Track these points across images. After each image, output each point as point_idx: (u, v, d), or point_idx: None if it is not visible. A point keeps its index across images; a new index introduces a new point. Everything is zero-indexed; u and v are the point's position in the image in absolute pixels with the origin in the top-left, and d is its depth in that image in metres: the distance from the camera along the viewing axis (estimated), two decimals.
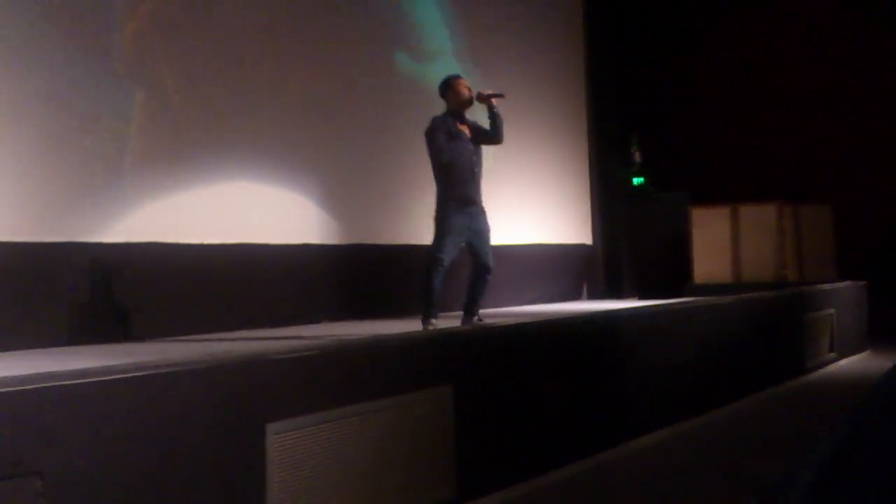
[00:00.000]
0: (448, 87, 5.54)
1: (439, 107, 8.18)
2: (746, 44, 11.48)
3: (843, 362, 8.12)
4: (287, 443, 2.88)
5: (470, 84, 5.56)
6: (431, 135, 5.39)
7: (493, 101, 5.46)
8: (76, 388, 2.36)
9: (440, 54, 8.12)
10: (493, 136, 5.55)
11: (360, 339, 3.74)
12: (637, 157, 9.94)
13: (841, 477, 1.20)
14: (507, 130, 5.71)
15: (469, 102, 5.50)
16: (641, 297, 8.76)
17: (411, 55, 7.81)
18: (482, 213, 5.48)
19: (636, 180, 10.01)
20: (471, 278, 5.57)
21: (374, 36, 7.41)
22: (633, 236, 10.05)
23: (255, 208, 6.29)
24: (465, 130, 5.47)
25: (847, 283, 8.93)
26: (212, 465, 2.67)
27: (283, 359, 3.00)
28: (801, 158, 10.93)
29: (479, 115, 5.63)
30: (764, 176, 10.99)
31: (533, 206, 6.18)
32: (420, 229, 7.74)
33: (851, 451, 1.22)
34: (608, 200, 10.33)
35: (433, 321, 5.26)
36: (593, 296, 9.73)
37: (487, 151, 5.81)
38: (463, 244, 5.41)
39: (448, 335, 3.94)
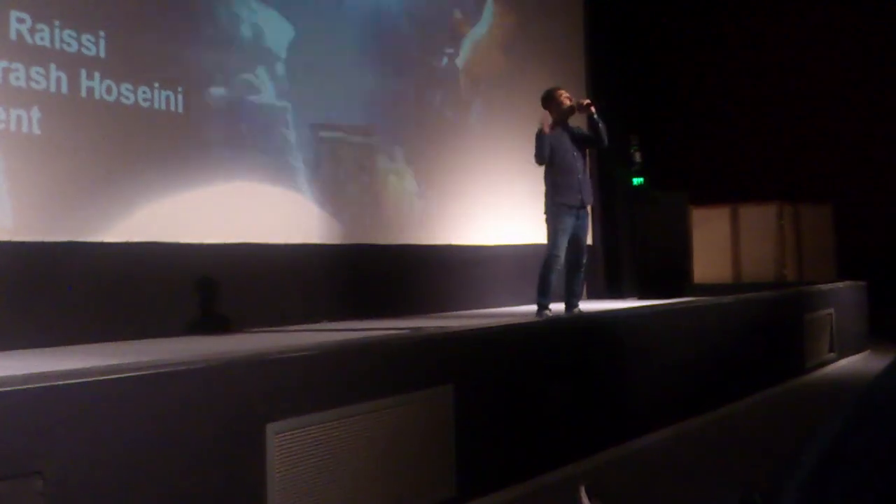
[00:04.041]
0: (550, 98, 5.99)
1: (437, 105, 8.20)
2: (746, 44, 11.49)
3: (843, 362, 8.12)
4: (287, 443, 2.88)
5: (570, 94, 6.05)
6: (539, 144, 5.81)
7: (592, 109, 5.86)
8: (76, 388, 2.36)
9: (440, 54, 8.12)
10: (596, 140, 5.99)
11: (360, 339, 3.74)
12: (637, 157, 9.93)
13: (843, 463, 1.20)
14: (508, 130, 5.77)
15: (571, 111, 5.91)
16: (641, 297, 8.76)
17: (412, 56, 7.81)
18: (586, 214, 5.96)
19: (636, 180, 10.00)
20: (566, 274, 6.02)
21: (374, 34, 7.41)
22: (633, 236, 10.05)
23: (255, 208, 6.29)
24: (569, 138, 5.87)
25: (847, 283, 8.93)
26: (212, 465, 2.67)
27: (283, 359, 3.00)
28: (801, 158, 10.94)
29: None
30: (764, 176, 10.99)
31: (533, 205, 6.20)
32: (420, 229, 7.75)
33: (854, 438, 1.22)
34: (608, 200, 10.33)
35: (549, 310, 5.84)
36: (593, 296, 9.73)
37: (483, 151, 5.87)
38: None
39: (448, 335, 3.94)
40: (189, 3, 6.01)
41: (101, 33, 5.42)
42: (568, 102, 5.91)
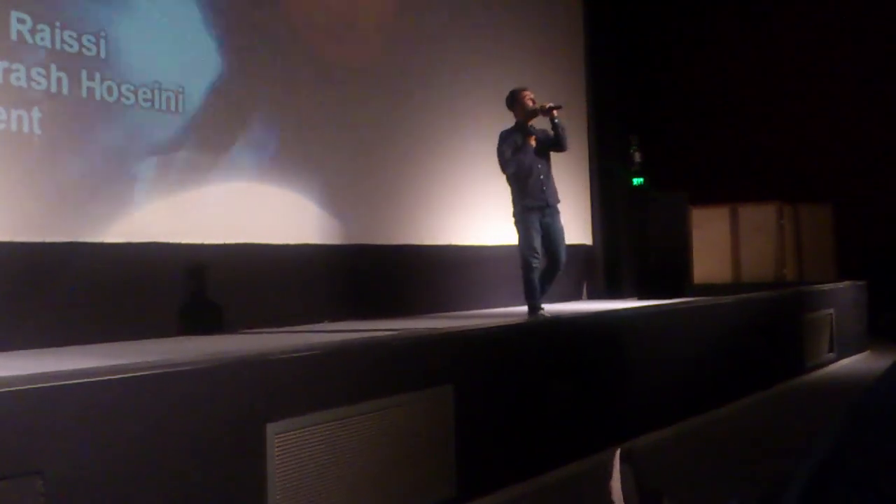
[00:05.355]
0: (514, 99, 5.93)
1: (438, 106, 8.20)
2: (746, 44, 11.49)
3: (843, 362, 8.13)
4: (287, 443, 2.88)
5: (534, 95, 5.94)
6: (500, 148, 5.81)
7: (555, 112, 5.79)
8: (76, 388, 2.37)
9: (441, 54, 8.12)
10: (557, 143, 5.91)
11: (360, 338, 3.74)
12: (637, 157, 9.94)
13: (839, 473, 1.20)
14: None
15: (534, 114, 5.84)
16: (641, 297, 8.76)
17: (414, 56, 7.81)
18: (556, 213, 5.91)
19: (636, 180, 10.01)
20: (541, 274, 5.94)
21: (377, 35, 7.42)
22: (633, 236, 10.05)
23: (255, 208, 6.29)
24: (532, 140, 5.85)
25: (846, 282, 8.93)
26: (212, 465, 2.67)
27: (283, 359, 3.00)
28: (801, 158, 10.94)
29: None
30: (764, 176, 11.00)
31: None
32: (420, 229, 7.75)
33: (849, 447, 1.22)
34: (608, 200, 10.33)
35: (542, 309, 5.76)
36: (593, 296, 9.73)
37: (484, 152, 5.89)
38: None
39: (448, 335, 3.94)
40: (189, 3, 6.01)
41: (102, 34, 5.42)
42: (532, 104, 5.86)
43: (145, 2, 5.73)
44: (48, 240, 5.09)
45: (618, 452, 2.20)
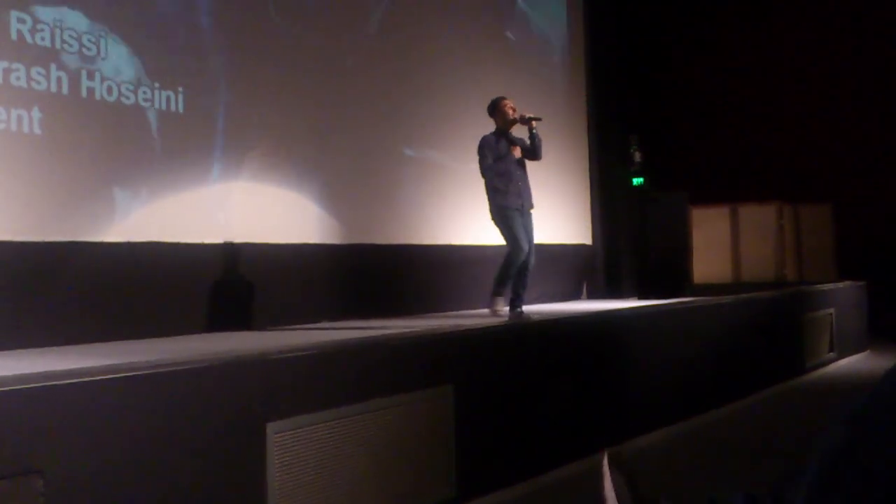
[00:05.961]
0: (496, 108, 6.26)
1: (441, 107, 8.20)
2: (746, 44, 11.49)
3: (843, 362, 8.13)
4: (287, 443, 2.89)
5: (514, 104, 6.23)
6: (481, 154, 6.10)
7: (534, 123, 6.08)
8: (76, 388, 2.37)
9: (441, 53, 8.12)
10: (532, 153, 6.21)
11: (360, 338, 3.74)
12: (637, 157, 9.95)
13: (844, 475, 1.20)
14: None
15: (514, 122, 6.15)
16: (641, 297, 8.76)
17: (414, 55, 7.81)
18: (529, 215, 6.17)
19: (636, 180, 10.01)
20: (515, 275, 6.17)
21: (376, 34, 7.42)
22: (633, 236, 10.05)
23: (255, 208, 6.29)
24: (512, 148, 6.12)
25: (846, 282, 8.94)
26: (212, 465, 2.67)
27: (283, 359, 3.00)
28: (801, 158, 10.94)
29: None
30: (764, 176, 11.00)
31: (535, 206, 6.29)
32: (420, 229, 7.75)
33: (859, 444, 1.22)
34: (608, 200, 10.33)
35: (503, 297, 6.05)
36: (593, 296, 9.73)
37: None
38: None
39: (448, 335, 3.94)
40: (189, 3, 6.01)
41: (101, 33, 5.42)
42: (512, 113, 6.14)
43: (145, 2, 5.73)
44: (48, 240, 5.09)
45: (605, 456, 2.19)
